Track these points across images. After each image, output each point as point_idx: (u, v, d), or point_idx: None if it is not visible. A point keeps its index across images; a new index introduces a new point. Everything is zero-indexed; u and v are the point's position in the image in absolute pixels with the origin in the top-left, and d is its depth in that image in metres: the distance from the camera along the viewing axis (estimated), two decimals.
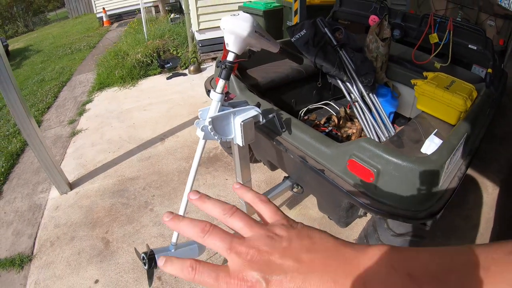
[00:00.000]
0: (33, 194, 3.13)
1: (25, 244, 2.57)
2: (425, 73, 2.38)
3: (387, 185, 1.39)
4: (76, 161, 3.54)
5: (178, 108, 4.47)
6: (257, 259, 0.32)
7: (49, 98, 5.58)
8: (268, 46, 1.40)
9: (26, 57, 10.31)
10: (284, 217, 0.39)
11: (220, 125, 1.31)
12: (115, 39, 9.11)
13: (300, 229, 0.36)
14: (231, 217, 0.38)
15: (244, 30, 1.23)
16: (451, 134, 1.64)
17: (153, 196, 2.86)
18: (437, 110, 2.15)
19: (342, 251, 0.33)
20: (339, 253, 0.32)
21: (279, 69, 2.65)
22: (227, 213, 0.38)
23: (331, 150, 1.54)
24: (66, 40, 11.22)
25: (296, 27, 2.74)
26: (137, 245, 2.36)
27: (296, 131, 1.69)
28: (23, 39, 15.44)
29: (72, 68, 7.27)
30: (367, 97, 2.64)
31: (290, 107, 2.85)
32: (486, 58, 2.43)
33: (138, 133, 3.93)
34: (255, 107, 1.42)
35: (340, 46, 2.66)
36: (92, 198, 2.94)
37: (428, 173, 1.36)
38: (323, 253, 0.32)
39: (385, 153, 1.37)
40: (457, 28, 2.56)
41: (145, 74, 5.86)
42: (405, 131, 1.97)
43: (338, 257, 0.32)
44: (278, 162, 2.14)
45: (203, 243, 0.36)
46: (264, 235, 0.35)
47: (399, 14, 2.89)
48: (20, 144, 4.06)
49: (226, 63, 1.31)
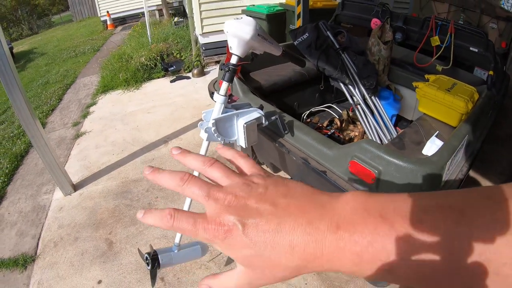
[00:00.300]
0: (37, 195, 3.15)
1: (29, 244, 2.60)
2: (426, 76, 2.40)
3: (388, 186, 1.40)
4: (80, 162, 3.56)
5: (181, 111, 4.50)
6: (234, 204, 0.33)
7: (54, 101, 5.62)
8: (271, 49, 1.42)
9: (31, 59, 10.40)
10: (261, 169, 0.40)
11: (223, 127, 1.33)
12: (119, 42, 9.18)
13: (276, 178, 0.36)
14: (210, 168, 0.39)
15: (247, 34, 1.25)
16: (452, 136, 1.64)
17: (156, 198, 2.88)
18: (438, 112, 2.17)
19: (317, 196, 0.33)
20: (314, 198, 0.33)
21: (282, 72, 2.67)
22: (206, 164, 0.39)
23: (333, 152, 1.56)
24: (70, 43, 11.30)
25: (299, 31, 2.76)
26: (141, 246, 2.38)
27: (298, 133, 1.71)
28: (28, 41, 15.57)
29: (76, 71, 7.33)
30: (369, 100, 2.65)
31: (293, 110, 2.86)
32: (487, 60, 2.44)
33: (142, 135, 3.96)
34: (258, 109, 1.44)
35: (342, 49, 2.68)
36: (96, 199, 2.96)
37: (429, 175, 1.36)
38: (298, 199, 0.33)
39: (386, 154, 1.39)
40: (459, 30, 2.57)
41: (149, 77, 5.90)
42: (407, 133, 1.98)
43: (313, 202, 0.32)
44: (281, 164, 2.16)
45: (182, 193, 0.36)
46: (241, 183, 0.35)
47: (401, 17, 2.90)
48: (24, 145, 4.10)
49: (229, 65, 1.33)
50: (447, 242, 0.27)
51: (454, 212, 0.27)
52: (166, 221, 0.34)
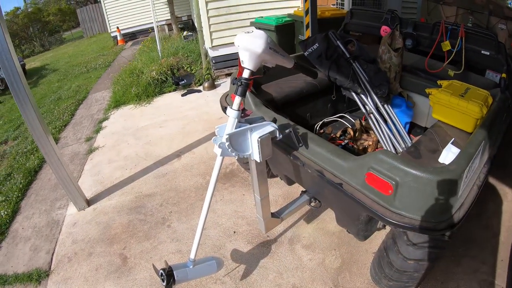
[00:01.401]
0: (51, 210, 3.18)
1: (43, 259, 2.60)
2: (439, 82, 2.36)
3: (406, 197, 1.38)
4: (93, 178, 3.59)
5: (193, 125, 4.51)
6: None
7: (66, 116, 5.71)
8: (283, 61, 1.42)
9: (43, 75, 10.61)
10: None
11: (237, 142, 1.32)
12: (130, 58, 9.31)
13: None
14: None
15: (259, 47, 1.25)
16: (469, 143, 1.61)
17: (170, 213, 2.87)
18: (453, 118, 2.13)
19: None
20: None
21: (293, 84, 2.66)
22: None
23: (348, 164, 1.53)
24: (81, 59, 11.52)
25: (309, 41, 2.76)
26: (155, 261, 2.36)
27: (312, 145, 1.68)
28: (40, 58, 15.93)
29: (88, 87, 7.45)
30: (382, 109, 2.62)
31: (306, 121, 2.85)
32: (499, 63, 2.40)
33: (155, 150, 3.98)
34: (271, 123, 1.43)
35: (353, 58, 2.67)
36: (109, 214, 2.97)
37: (446, 184, 1.34)
38: None
39: (403, 164, 1.36)
40: (469, 34, 2.55)
41: (160, 91, 5.95)
42: (422, 141, 1.95)
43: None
44: (295, 177, 2.14)
45: None
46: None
47: (410, 23, 2.89)
48: (38, 161, 4.15)
49: (241, 80, 1.33)
50: None
51: None
52: None
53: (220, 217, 2.74)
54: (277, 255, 2.35)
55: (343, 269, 2.21)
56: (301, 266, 2.25)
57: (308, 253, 2.34)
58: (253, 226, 2.61)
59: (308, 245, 2.41)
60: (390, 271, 1.78)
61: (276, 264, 2.28)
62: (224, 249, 2.44)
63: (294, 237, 2.49)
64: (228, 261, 2.33)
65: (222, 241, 2.51)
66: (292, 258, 2.32)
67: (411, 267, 1.69)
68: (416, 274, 1.73)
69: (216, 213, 2.78)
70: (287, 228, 2.57)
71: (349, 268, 2.21)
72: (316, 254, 2.33)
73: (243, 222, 2.67)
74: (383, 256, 1.84)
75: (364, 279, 2.12)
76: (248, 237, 2.53)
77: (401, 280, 1.78)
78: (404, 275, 1.75)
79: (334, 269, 2.21)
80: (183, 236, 2.61)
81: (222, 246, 2.47)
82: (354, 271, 2.19)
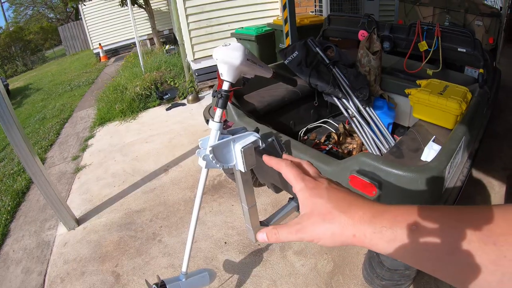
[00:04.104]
0: (40, 231, 3.13)
1: (35, 281, 2.56)
2: (418, 81, 2.42)
3: (390, 197, 1.40)
4: (82, 196, 3.56)
5: (179, 138, 4.52)
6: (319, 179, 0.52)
7: (52, 135, 5.65)
8: (261, 72, 1.44)
9: (27, 95, 10.50)
10: None
11: (221, 153, 1.34)
12: (113, 74, 9.28)
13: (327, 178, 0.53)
14: None
15: (236, 59, 1.27)
16: (449, 139, 1.64)
17: (160, 227, 2.86)
18: (433, 116, 2.17)
19: None
20: None
21: (274, 93, 2.69)
22: None
23: (331, 168, 1.56)
24: (65, 77, 11.43)
25: (288, 49, 2.80)
26: (148, 277, 2.35)
27: (296, 152, 1.71)
28: (23, 77, 15.75)
29: (72, 105, 7.39)
30: (364, 111, 2.67)
31: (289, 129, 2.87)
32: (476, 59, 2.46)
33: (142, 165, 3.97)
34: (253, 133, 1.44)
35: (332, 63, 2.72)
36: (100, 232, 2.94)
37: (429, 181, 1.35)
38: None
39: (384, 165, 1.39)
40: (445, 33, 2.61)
41: (144, 106, 5.94)
42: (404, 141, 1.98)
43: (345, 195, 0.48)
44: (282, 184, 2.15)
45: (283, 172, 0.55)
46: None
47: (387, 26, 2.94)
48: (25, 182, 4.10)
49: (221, 92, 1.35)
50: (444, 231, 0.37)
51: (448, 214, 0.38)
52: (287, 166, 0.55)
53: (210, 228, 2.74)
54: (270, 263, 2.36)
55: (336, 272, 2.22)
56: (294, 272, 2.26)
57: (300, 259, 2.35)
58: (243, 236, 2.62)
59: (299, 251, 2.42)
60: (382, 271, 1.80)
61: (269, 272, 2.29)
62: (216, 260, 2.44)
63: (285, 244, 2.50)
64: (220, 272, 2.33)
65: (214, 253, 2.51)
66: (285, 265, 2.33)
67: (401, 265, 1.71)
68: (407, 272, 1.76)
69: (206, 225, 2.78)
70: None
71: (342, 271, 2.22)
72: (308, 259, 2.34)
73: (234, 233, 2.67)
74: (373, 256, 1.86)
75: (357, 280, 2.14)
76: (239, 247, 2.53)
77: (393, 278, 1.81)
78: (395, 274, 1.77)
79: (327, 273, 2.22)
80: (174, 250, 2.60)
81: (214, 257, 2.47)
82: (347, 273, 2.21)
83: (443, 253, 0.36)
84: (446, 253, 0.36)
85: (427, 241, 0.37)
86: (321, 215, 0.46)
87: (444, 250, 0.36)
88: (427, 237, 0.37)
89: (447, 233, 0.36)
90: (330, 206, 0.45)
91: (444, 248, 0.36)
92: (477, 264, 0.34)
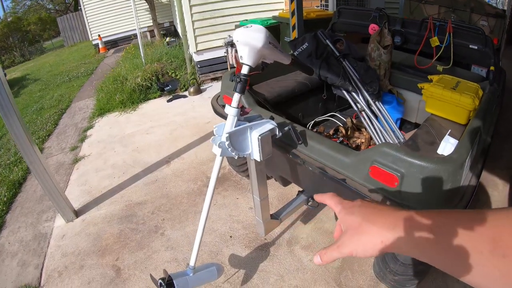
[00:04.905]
0: (37, 223, 3.05)
1: (32, 275, 2.49)
2: (430, 77, 2.38)
3: (412, 189, 1.36)
4: (80, 187, 3.48)
5: (181, 130, 4.44)
6: None
7: (49, 126, 5.55)
8: (281, 57, 1.38)
9: (24, 86, 10.34)
10: None
11: (237, 141, 1.27)
12: (113, 65, 9.16)
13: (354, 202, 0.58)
14: None
15: (259, 41, 1.20)
16: (466, 133, 1.62)
17: (163, 220, 2.79)
18: (446, 111, 2.14)
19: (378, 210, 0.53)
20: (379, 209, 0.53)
21: (284, 84, 2.63)
22: None
23: (350, 159, 1.50)
24: (63, 68, 11.28)
25: (298, 41, 2.74)
26: (150, 271, 2.28)
27: (312, 143, 1.65)
28: (20, 68, 15.55)
29: (71, 95, 7.28)
30: (373, 106, 2.62)
31: (298, 121, 2.82)
32: (487, 56, 2.45)
33: (143, 156, 3.89)
34: (270, 121, 1.39)
35: (342, 56, 2.66)
36: (99, 225, 2.87)
37: (451, 173, 1.33)
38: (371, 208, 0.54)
39: (407, 156, 1.34)
40: (457, 29, 2.57)
41: (145, 97, 5.86)
42: (418, 134, 1.94)
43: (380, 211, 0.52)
44: (292, 176, 2.10)
45: None
46: None
47: (399, 21, 2.91)
48: (22, 172, 4.01)
49: (240, 76, 1.28)
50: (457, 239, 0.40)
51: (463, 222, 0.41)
52: (330, 195, 0.62)
53: (215, 222, 2.68)
54: (277, 257, 2.30)
55: (345, 268, 2.17)
56: (302, 267, 2.20)
57: (307, 254, 2.30)
58: (249, 230, 2.56)
59: (307, 245, 2.37)
60: (395, 266, 1.76)
61: (276, 267, 2.23)
62: (221, 254, 2.38)
63: (292, 238, 2.45)
64: (226, 267, 2.27)
65: (219, 247, 2.44)
66: (292, 260, 2.27)
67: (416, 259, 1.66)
68: (421, 267, 1.72)
69: (211, 219, 2.71)
70: (284, 230, 2.52)
71: (350, 267, 2.17)
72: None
73: (239, 226, 2.61)
74: None
75: (366, 276, 2.10)
76: (245, 241, 2.47)
77: (406, 273, 1.76)
78: (409, 268, 1.73)
79: (336, 268, 2.17)
80: (177, 243, 2.53)
81: (219, 252, 2.40)
82: (356, 269, 2.15)
83: (455, 261, 0.40)
84: (459, 263, 0.39)
85: (443, 250, 0.41)
86: (354, 229, 0.52)
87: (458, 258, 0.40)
88: (443, 246, 0.41)
89: (460, 244, 0.40)
90: (360, 220, 0.52)
91: (457, 258, 0.40)
92: (488, 276, 0.37)
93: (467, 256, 0.39)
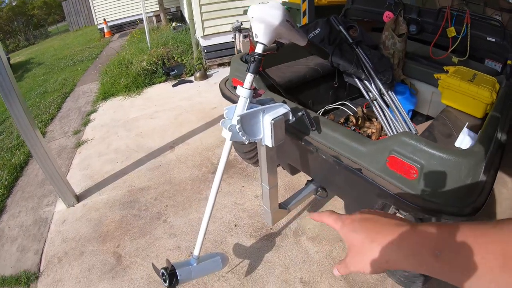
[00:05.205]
0: (38, 208, 3.00)
1: (31, 260, 2.45)
2: (446, 68, 2.30)
3: (431, 181, 1.28)
4: (82, 172, 3.42)
5: (186, 115, 4.36)
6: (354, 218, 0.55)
7: (53, 109, 5.49)
8: (297, 38, 1.29)
9: (28, 69, 10.29)
10: None
11: (248, 124, 1.20)
12: (118, 49, 9.05)
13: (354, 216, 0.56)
14: None
15: (276, 19, 1.12)
16: (486, 126, 1.56)
17: (166, 207, 2.73)
18: (462, 103, 2.07)
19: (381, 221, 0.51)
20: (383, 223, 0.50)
21: (295, 69, 2.55)
22: None
23: (367, 148, 1.42)
24: (67, 52, 11.20)
25: (310, 26, 2.65)
26: (152, 259, 2.23)
27: (326, 130, 1.56)
28: (24, 52, 15.50)
29: (75, 79, 7.20)
30: (386, 95, 2.53)
31: (308, 108, 2.74)
32: (505, 49, 2.36)
33: (146, 141, 3.82)
34: (284, 105, 1.30)
35: (356, 43, 2.57)
36: (101, 210, 2.81)
37: (472, 167, 1.27)
38: None
39: (428, 147, 1.26)
40: (474, 20, 2.49)
41: (150, 82, 5.78)
42: (435, 125, 1.88)
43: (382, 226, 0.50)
44: (301, 165, 2.02)
45: None
46: None
47: (415, 9, 2.81)
48: (23, 156, 3.96)
49: (254, 55, 1.19)
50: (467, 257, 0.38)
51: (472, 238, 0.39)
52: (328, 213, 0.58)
53: (219, 210, 2.61)
54: (282, 248, 2.24)
55: None
56: (308, 259, 2.14)
57: (314, 245, 2.24)
58: (254, 219, 2.49)
59: (314, 237, 2.30)
60: None
61: (281, 258, 2.17)
62: (225, 243, 2.32)
63: (298, 229, 2.38)
64: (231, 256, 2.21)
65: (223, 236, 2.38)
66: (298, 251, 2.21)
67: None
68: None
69: (215, 207, 2.62)
70: (290, 220, 2.46)
71: None
72: (323, 246, 2.23)
73: (244, 215, 2.54)
74: None
75: None
76: (250, 230, 2.41)
77: None
78: None
79: None
80: (180, 231, 2.47)
81: (223, 240, 2.34)
82: None
83: (464, 277, 0.38)
84: (468, 279, 0.38)
85: (450, 268, 0.40)
86: (356, 248, 0.51)
87: (466, 275, 0.38)
88: (449, 264, 0.40)
89: (469, 260, 0.38)
90: (363, 237, 0.50)
91: (466, 273, 0.38)
92: None
93: (476, 273, 0.38)
